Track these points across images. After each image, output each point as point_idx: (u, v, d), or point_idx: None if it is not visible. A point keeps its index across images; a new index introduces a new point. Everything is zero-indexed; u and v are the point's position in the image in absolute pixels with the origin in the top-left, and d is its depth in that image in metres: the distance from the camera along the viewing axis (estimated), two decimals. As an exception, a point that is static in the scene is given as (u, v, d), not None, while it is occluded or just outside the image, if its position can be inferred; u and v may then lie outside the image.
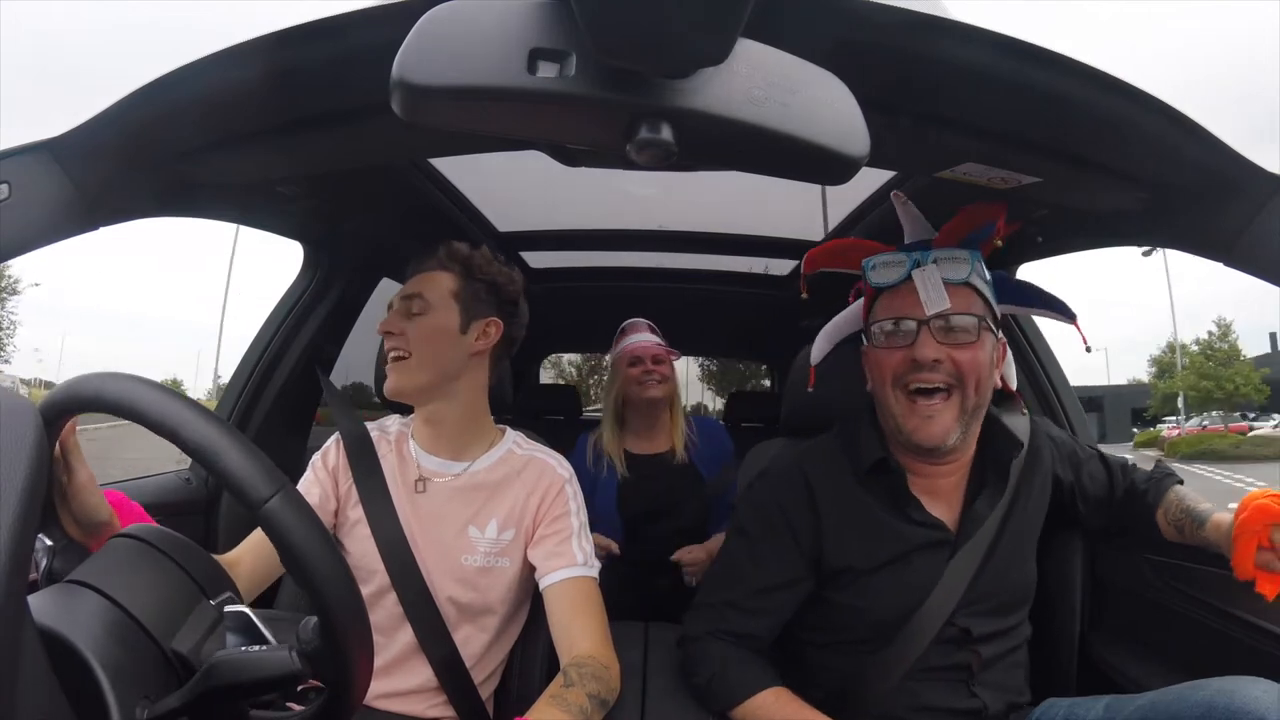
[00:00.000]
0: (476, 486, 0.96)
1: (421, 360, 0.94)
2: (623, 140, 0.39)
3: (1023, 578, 0.96)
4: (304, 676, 0.46)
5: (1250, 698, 0.68)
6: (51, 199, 0.59)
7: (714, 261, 2.01)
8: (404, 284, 0.99)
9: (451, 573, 0.92)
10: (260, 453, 0.47)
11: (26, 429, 0.33)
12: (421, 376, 0.95)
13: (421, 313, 0.95)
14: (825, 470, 0.96)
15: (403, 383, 0.95)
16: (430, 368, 0.95)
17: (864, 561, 0.91)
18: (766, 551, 0.94)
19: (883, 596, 0.90)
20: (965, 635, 0.90)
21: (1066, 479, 1.02)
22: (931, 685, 0.89)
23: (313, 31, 0.51)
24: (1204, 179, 0.66)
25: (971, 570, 0.90)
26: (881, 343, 0.91)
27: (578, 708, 0.77)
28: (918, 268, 0.90)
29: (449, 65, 0.35)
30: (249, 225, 1.09)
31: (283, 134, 0.67)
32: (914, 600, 0.89)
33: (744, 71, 0.39)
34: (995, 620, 0.92)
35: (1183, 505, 0.93)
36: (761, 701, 0.87)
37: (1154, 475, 1.00)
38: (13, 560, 0.30)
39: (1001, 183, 0.78)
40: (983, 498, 0.93)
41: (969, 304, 0.89)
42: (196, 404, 0.48)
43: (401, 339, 0.94)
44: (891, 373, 0.89)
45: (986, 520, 0.92)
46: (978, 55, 0.53)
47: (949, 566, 0.90)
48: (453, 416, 0.98)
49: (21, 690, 0.33)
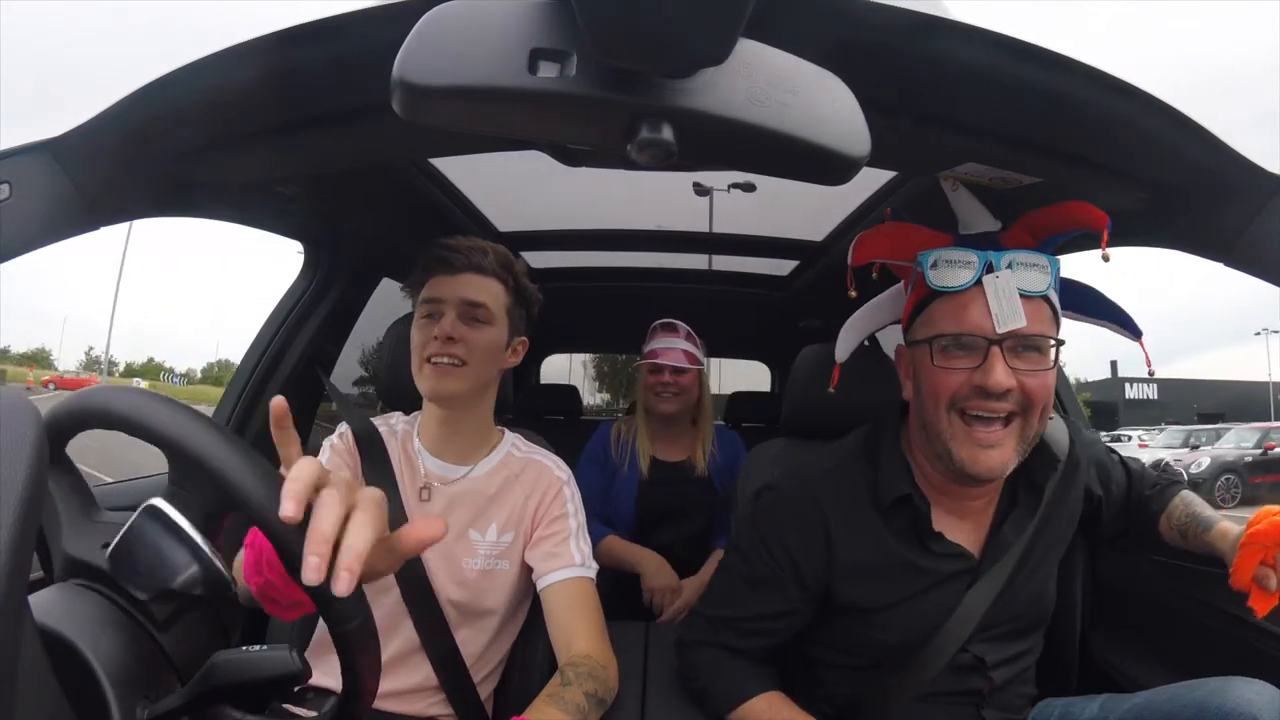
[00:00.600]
0: (477, 491, 0.96)
1: (476, 371, 0.93)
2: (623, 140, 0.39)
3: (1043, 599, 0.91)
4: (304, 677, 0.46)
5: (1243, 698, 0.68)
6: (51, 199, 0.59)
7: (714, 261, 2.01)
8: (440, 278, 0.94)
9: (453, 576, 0.93)
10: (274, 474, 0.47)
11: (27, 429, 0.33)
12: (470, 385, 0.93)
13: (486, 322, 0.94)
14: (841, 498, 0.86)
15: (453, 388, 0.92)
16: (479, 379, 0.94)
17: (874, 601, 0.85)
18: (763, 575, 0.88)
19: (893, 628, 0.85)
20: (979, 663, 0.86)
21: (1097, 493, 0.95)
22: (940, 709, 0.87)
23: (313, 31, 0.51)
24: (1204, 179, 0.66)
25: (991, 596, 0.84)
26: (939, 359, 0.78)
27: (575, 706, 0.77)
28: (989, 273, 0.76)
29: (449, 65, 0.35)
30: (249, 225, 1.09)
31: (283, 134, 0.67)
32: (927, 631, 0.84)
33: (744, 71, 0.39)
34: (1010, 645, 0.88)
35: (1189, 510, 0.91)
36: (754, 707, 0.86)
37: (1160, 481, 0.98)
38: (13, 560, 0.30)
39: (1002, 183, 0.78)
40: (1011, 521, 0.86)
41: (1045, 323, 0.77)
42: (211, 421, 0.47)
43: (460, 346, 0.91)
44: (950, 395, 0.77)
45: (1013, 546, 0.85)
46: (978, 55, 0.53)
47: (968, 595, 0.84)
48: (470, 423, 0.99)
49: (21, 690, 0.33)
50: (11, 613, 0.31)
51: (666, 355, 1.63)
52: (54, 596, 0.45)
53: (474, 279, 0.94)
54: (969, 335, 0.76)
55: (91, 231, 0.65)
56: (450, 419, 0.98)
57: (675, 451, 1.72)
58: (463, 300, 0.93)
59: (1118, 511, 1.00)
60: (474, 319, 0.93)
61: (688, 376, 1.65)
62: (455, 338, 0.91)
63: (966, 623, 0.83)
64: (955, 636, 0.83)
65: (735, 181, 1.54)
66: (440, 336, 0.91)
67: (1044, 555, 0.89)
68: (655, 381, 1.65)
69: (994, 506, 0.88)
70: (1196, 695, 0.71)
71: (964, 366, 0.76)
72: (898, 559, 0.84)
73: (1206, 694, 0.70)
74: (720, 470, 1.70)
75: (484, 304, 0.93)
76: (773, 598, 0.88)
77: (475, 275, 0.94)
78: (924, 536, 0.85)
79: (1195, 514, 0.90)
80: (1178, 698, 0.73)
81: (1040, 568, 0.89)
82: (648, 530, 1.66)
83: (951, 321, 0.77)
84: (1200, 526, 0.88)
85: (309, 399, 1.40)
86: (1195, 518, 0.90)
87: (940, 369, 0.78)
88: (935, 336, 0.78)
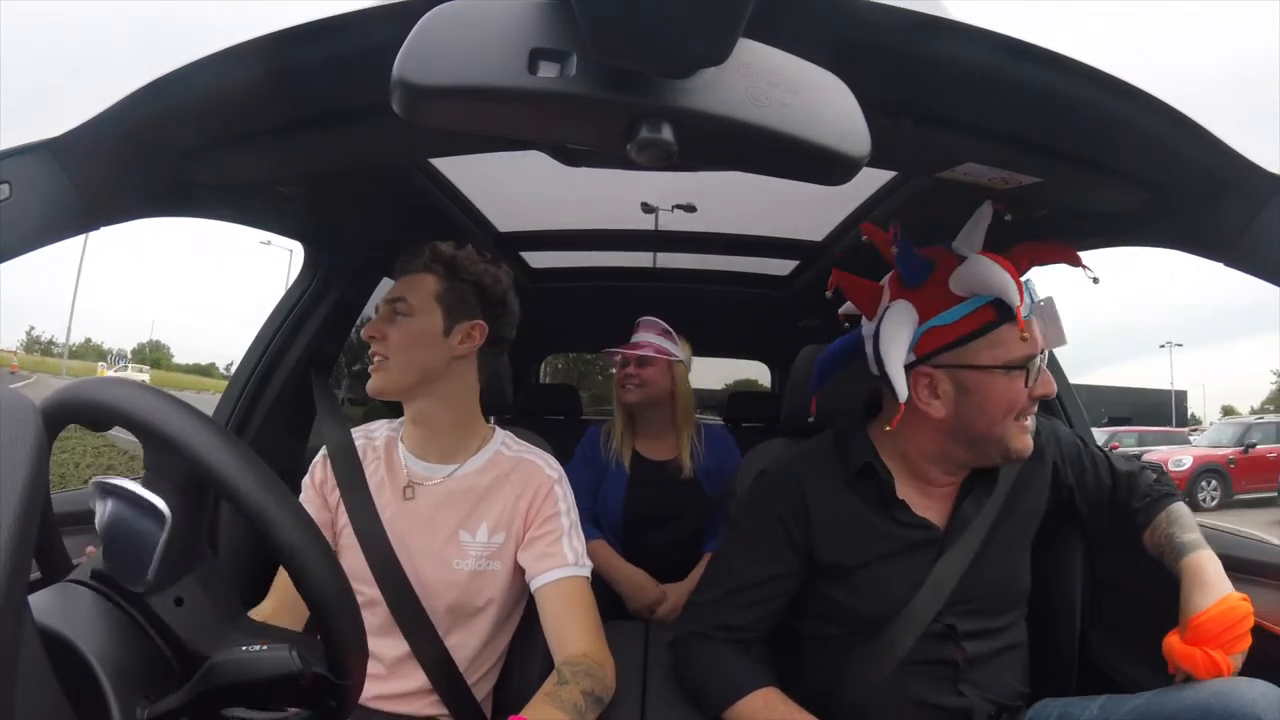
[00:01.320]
0: (466, 490, 0.96)
1: (400, 364, 0.94)
2: (623, 140, 0.39)
3: (1014, 581, 0.96)
4: (304, 677, 0.46)
5: (1247, 700, 0.67)
6: (51, 199, 0.59)
7: (714, 261, 2.01)
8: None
9: (444, 578, 0.93)
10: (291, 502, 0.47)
11: (27, 428, 0.33)
12: (400, 379, 0.95)
13: (405, 314, 0.95)
14: (817, 472, 0.97)
15: (380, 384, 0.95)
16: (409, 371, 0.95)
17: (851, 559, 0.92)
18: (761, 545, 0.95)
19: (871, 593, 0.91)
20: (950, 631, 0.90)
21: (1068, 482, 1.02)
22: (917, 680, 0.90)
23: (313, 31, 0.51)
24: (1204, 179, 0.66)
25: (960, 569, 0.91)
26: (1010, 375, 0.88)
27: (572, 705, 0.77)
28: (1036, 301, 0.90)
29: (449, 65, 0.35)
30: (249, 225, 1.09)
31: (283, 134, 0.67)
32: (901, 597, 0.90)
33: (744, 71, 0.39)
34: (982, 619, 0.92)
35: (1168, 532, 0.92)
36: (750, 704, 0.87)
37: (1152, 493, 0.99)
38: (13, 560, 0.30)
39: (1002, 183, 0.78)
40: (971, 499, 0.95)
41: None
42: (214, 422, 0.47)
43: (383, 343, 0.94)
44: (1018, 407, 0.88)
45: (975, 520, 0.93)
46: (978, 55, 0.53)
47: (937, 566, 0.91)
48: (441, 418, 0.98)
49: (21, 690, 0.33)
50: (11, 613, 0.31)
51: (627, 349, 1.67)
52: (54, 596, 0.45)
53: (402, 281, 0.98)
54: (1033, 355, 0.87)
55: (91, 231, 0.65)
56: (418, 416, 0.98)
57: (659, 450, 1.71)
58: (384, 300, 0.97)
59: (1097, 509, 1.01)
60: (394, 314, 0.95)
61: (650, 370, 1.65)
62: (375, 335, 0.95)
63: (939, 592, 0.90)
64: (927, 606, 0.90)
65: (679, 203, 1.62)
66: (366, 336, 0.96)
67: (1012, 536, 0.96)
68: (621, 373, 1.68)
69: (957, 489, 0.96)
70: (1200, 697, 0.71)
71: (1020, 378, 0.88)
72: (867, 522, 0.93)
73: (1209, 695, 0.70)
74: (707, 472, 1.68)
75: (402, 297, 0.96)
76: (768, 563, 0.95)
77: (404, 277, 0.98)
78: (890, 504, 0.93)
79: (1171, 537, 0.91)
80: (1180, 699, 0.72)
81: (1009, 549, 0.96)
82: (636, 533, 1.65)
83: (1019, 345, 0.87)
84: (1174, 553, 0.89)
85: (309, 400, 1.40)
86: (1171, 541, 0.90)
87: (1011, 383, 0.88)
88: (1011, 359, 0.87)
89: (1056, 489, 1.01)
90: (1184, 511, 0.94)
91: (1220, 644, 0.76)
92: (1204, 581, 0.82)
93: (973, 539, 0.92)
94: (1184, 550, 0.87)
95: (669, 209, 1.68)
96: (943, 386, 0.90)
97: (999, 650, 0.93)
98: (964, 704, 0.89)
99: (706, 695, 0.90)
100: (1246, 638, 0.77)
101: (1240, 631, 0.77)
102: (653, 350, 1.66)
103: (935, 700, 0.89)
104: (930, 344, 0.89)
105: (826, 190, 0.87)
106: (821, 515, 0.94)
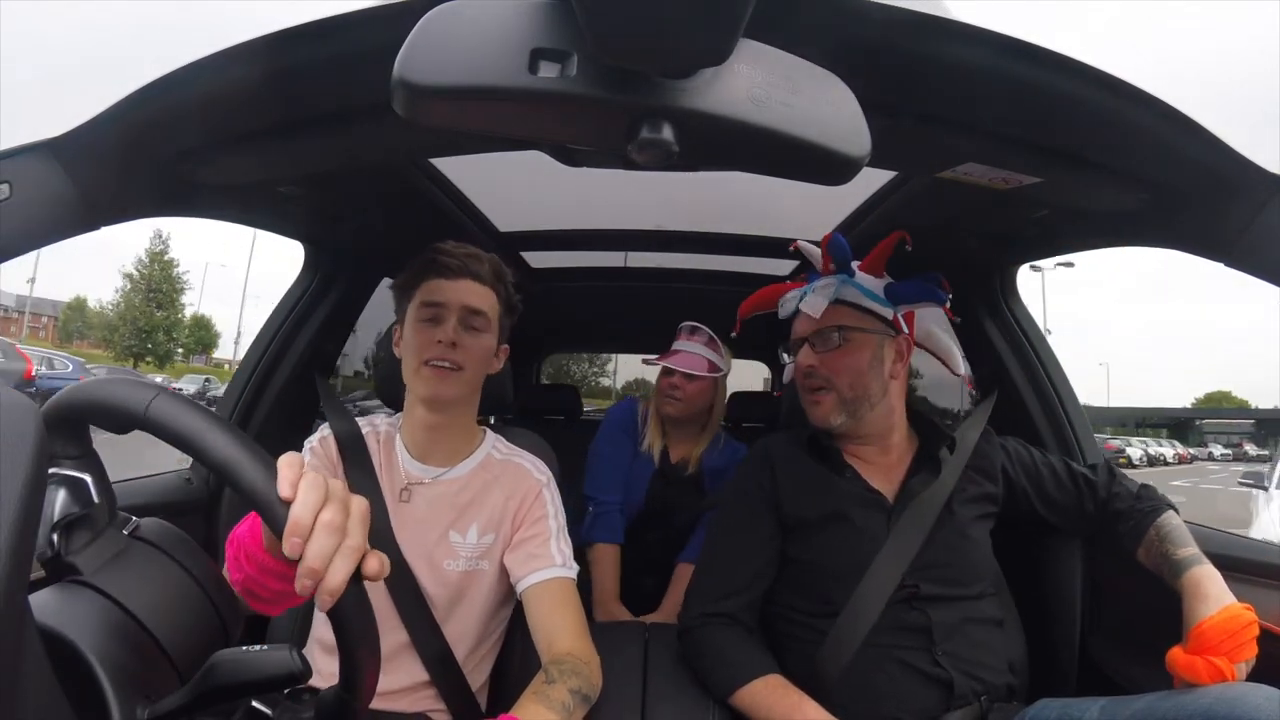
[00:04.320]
0: (457, 492, 0.97)
1: (473, 377, 0.96)
2: (624, 140, 0.39)
3: (975, 558, 1.02)
4: (304, 676, 0.46)
5: (1252, 705, 0.66)
6: (52, 198, 0.59)
7: (714, 261, 2.01)
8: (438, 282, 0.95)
9: (435, 578, 0.94)
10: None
11: (27, 428, 0.33)
12: (466, 391, 0.97)
13: (482, 330, 0.96)
14: (783, 442, 1.12)
15: (451, 392, 0.94)
16: (475, 385, 0.98)
17: (813, 512, 1.02)
18: (742, 514, 1.06)
19: (837, 546, 0.99)
20: (915, 593, 0.95)
21: (1019, 482, 1.09)
22: (894, 645, 0.93)
23: (313, 31, 0.51)
24: (1204, 179, 0.66)
25: (919, 538, 0.97)
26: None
27: (559, 703, 0.78)
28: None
29: (450, 65, 0.35)
30: (249, 225, 1.09)
31: (283, 134, 0.67)
32: (864, 556, 0.97)
33: (745, 71, 0.39)
34: (945, 586, 0.97)
35: (1161, 550, 0.92)
36: (753, 689, 0.91)
37: (1137, 507, 0.99)
38: (13, 560, 0.30)
39: (1002, 183, 0.78)
40: (919, 477, 1.04)
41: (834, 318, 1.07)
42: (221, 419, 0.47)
43: (460, 352, 0.93)
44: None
45: (922, 494, 1.01)
46: (978, 55, 0.53)
47: (893, 529, 0.99)
48: (456, 426, 1.00)
49: (21, 690, 0.33)
50: (12, 613, 0.31)
51: (681, 360, 1.62)
52: (54, 596, 0.45)
53: (474, 286, 0.96)
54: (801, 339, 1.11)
55: (91, 231, 0.65)
56: (438, 423, 0.99)
57: (680, 451, 1.72)
58: (465, 307, 0.95)
59: (1064, 514, 1.08)
60: (473, 326, 0.95)
61: (697, 385, 1.63)
62: (457, 343, 0.93)
63: (901, 556, 0.96)
64: (891, 569, 0.96)
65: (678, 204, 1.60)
66: (444, 341, 0.92)
67: (964, 517, 1.03)
68: (665, 384, 1.65)
69: (904, 468, 1.07)
70: (1203, 702, 0.70)
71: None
72: (824, 480, 1.05)
73: (1213, 701, 0.69)
74: (712, 473, 1.69)
75: (484, 312, 0.96)
76: (757, 524, 1.05)
77: (474, 283, 0.96)
78: (838, 467, 1.06)
79: (1166, 555, 0.91)
80: (1183, 704, 0.71)
81: (967, 529, 1.02)
82: (638, 526, 1.66)
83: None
84: (1172, 572, 0.89)
85: (309, 399, 1.40)
86: (1166, 559, 0.90)
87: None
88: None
89: (1009, 487, 1.09)
90: (1174, 524, 0.94)
91: (1223, 651, 0.76)
92: (1205, 594, 0.82)
93: (926, 513, 0.99)
94: (1181, 568, 0.87)
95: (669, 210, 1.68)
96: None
97: (966, 620, 0.95)
98: (943, 675, 0.90)
99: (713, 682, 0.94)
100: (1251, 646, 0.77)
101: (1245, 639, 0.76)
102: (705, 369, 1.63)
103: (914, 663, 0.92)
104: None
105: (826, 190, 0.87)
106: (786, 476, 1.06)
